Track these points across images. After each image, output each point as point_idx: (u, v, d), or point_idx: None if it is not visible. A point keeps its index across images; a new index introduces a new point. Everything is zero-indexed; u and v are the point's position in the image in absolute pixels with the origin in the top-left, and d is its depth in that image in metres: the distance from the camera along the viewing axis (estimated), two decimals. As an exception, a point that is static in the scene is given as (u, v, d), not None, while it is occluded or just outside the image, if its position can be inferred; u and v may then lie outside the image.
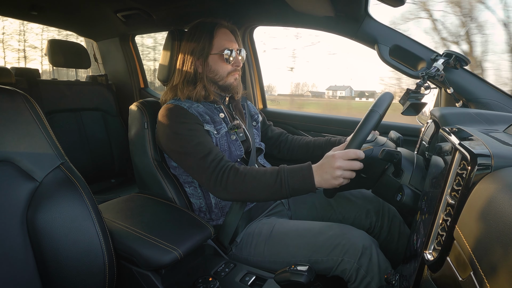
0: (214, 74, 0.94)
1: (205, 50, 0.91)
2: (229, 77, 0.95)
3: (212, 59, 0.93)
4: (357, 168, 0.74)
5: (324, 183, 0.75)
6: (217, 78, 0.94)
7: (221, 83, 0.95)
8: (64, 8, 1.59)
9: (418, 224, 0.61)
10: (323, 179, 0.75)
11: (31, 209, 0.60)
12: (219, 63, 0.93)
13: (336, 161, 0.73)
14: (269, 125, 1.19)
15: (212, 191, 0.84)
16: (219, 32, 0.93)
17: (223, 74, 0.94)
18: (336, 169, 0.73)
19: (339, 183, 0.74)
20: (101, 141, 1.81)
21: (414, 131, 1.19)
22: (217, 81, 0.94)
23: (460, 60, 0.94)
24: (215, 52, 0.92)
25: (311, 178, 0.76)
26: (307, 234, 0.85)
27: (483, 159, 0.40)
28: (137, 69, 2.00)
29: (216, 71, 0.93)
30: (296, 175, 0.77)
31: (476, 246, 0.34)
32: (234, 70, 0.95)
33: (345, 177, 0.74)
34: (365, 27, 1.08)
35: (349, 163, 0.73)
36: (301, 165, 0.79)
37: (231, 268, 0.82)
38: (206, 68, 0.93)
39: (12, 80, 1.55)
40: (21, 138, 0.62)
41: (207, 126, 0.89)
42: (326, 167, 0.75)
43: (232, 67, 0.94)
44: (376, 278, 0.76)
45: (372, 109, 0.75)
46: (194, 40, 0.92)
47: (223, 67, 0.93)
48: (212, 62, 0.93)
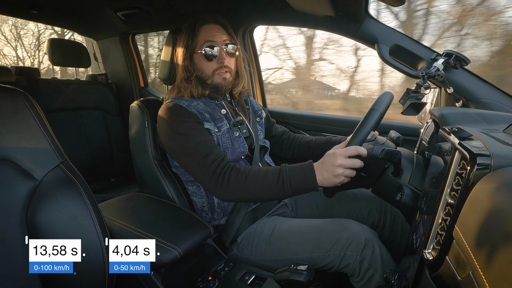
0: (200, 73, 0.91)
1: (189, 48, 0.89)
2: (215, 76, 0.91)
3: (196, 57, 0.91)
4: (358, 166, 0.73)
5: (325, 182, 0.75)
6: (204, 77, 0.92)
7: (209, 82, 0.92)
8: (64, 7, 1.59)
9: (417, 223, 0.62)
10: (324, 178, 0.75)
11: (31, 208, 0.60)
12: (202, 61, 0.90)
13: (337, 159, 0.73)
14: (273, 123, 1.19)
15: (214, 192, 0.84)
16: (202, 29, 0.90)
17: (208, 73, 0.91)
18: (337, 167, 0.73)
19: (340, 181, 0.74)
20: (101, 140, 1.81)
21: (414, 131, 1.19)
22: (205, 80, 0.92)
23: (460, 60, 0.94)
24: (198, 50, 0.90)
25: (313, 176, 0.75)
26: (308, 230, 0.85)
27: (483, 158, 0.41)
28: (137, 68, 2.00)
29: (201, 69, 0.91)
30: (298, 174, 0.77)
31: (475, 245, 0.34)
32: (220, 67, 0.91)
33: (346, 175, 0.74)
34: (365, 27, 1.08)
35: (350, 161, 0.73)
36: (302, 164, 0.79)
37: (231, 267, 0.82)
38: (193, 67, 0.91)
39: (12, 79, 1.55)
40: (21, 136, 0.62)
41: (207, 124, 0.89)
42: (327, 165, 0.75)
43: (217, 64, 0.90)
44: (379, 270, 0.76)
45: (372, 107, 0.75)
46: (182, 38, 0.91)
47: (207, 65, 0.90)
48: (197, 61, 0.91)
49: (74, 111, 1.73)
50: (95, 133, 1.79)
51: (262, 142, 1.05)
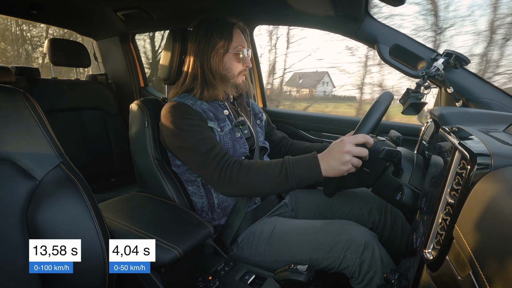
0: (227, 72, 0.94)
1: (225, 48, 0.92)
2: (239, 77, 0.97)
3: (228, 57, 0.94)
4: (365, 155, 0.74)
5: (331, 170, 0.74)
6: (230, 76, 0.95)
7: (232, 81, 0.96)
8: (64, 7, 1.59)
9: (417, 223, 0.62)
10: (330, 166, 0.74)
11: (31, 208, 0.60)
12: (233, 61, 0.94)
13: (345, 145, 0.73)
14: (273, 128, 1.20)
15: (217, 187, 0.84)
16: (236, 32, 0.95)
17: (235, 73, 0.95)
18: (345, 154, 0.72)
19: (347, 169, 0.73)
20: (101, 140, 1.81)
21: (414, 131, 1.19)
22: (229, 79, 0.95)
23: (460, 60, 0.94)
24: (232, 51, 0.93)
25: (317, 166, 0.75)
26: (307, 232, 0.85)
27: (483, 158, 0.41)
28: (137, 68, 2.00)
29: (229, 69, 0.94)
30: (302, 165, 0.76)
31: (475, 245, 0.34)
32: (244, 69, 0.97)
33: (353, 163, 0.73)
34: (365, 27, 1.08)
35: (358, 149, 0.73)
36: (306, 155, 0.79)
37: (231, 267, 0.82)
38: (220, 65, 0.93)
39: (12, 79, 1.55)
40: (21, 137, 0.62)
41: (211, 123, 0.89)
42: (334, 152, 0.74)
43: (243, 67, 0.96)
44: (379, 273, 0.76)
45: (378, 100, 0.77)
46: (211, 37, 0.92)
47: (236, 66, 0.95)
48: (227, 60, 0.94)
49: (74, 111, 1.73)
50: (95, 133, 1.79)
51: (262, 143, 1.05)
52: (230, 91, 0.97)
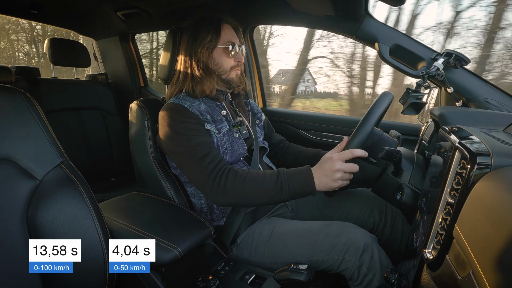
0: (218, 67, 0.94)
1: (212, 43, 0.92)
2: (232, 72, 0.96)
3: (217, 52, 0.93)
4: (355, 170, 0.74)
5: (323, 186, 0.76)
6: (221, 72, 0.95)
7: (224, 77, 0.95)
8: (64, 6, 1.59)
9: (417, 223, 0.62)
10: (322, 182, 0.76)
11: (31, 208, 0.60)
12: (223, 56, 0.94)
13: (335, 163, 0.74)
14: (272, 130, 1.20)
15: (209, 195, 0.82)
16: (224, 27, 0.94)
17: (226, 68, 0.95)
18: (336, 172, 0.74)
19: (339, 185, 0.75)
20: (101, 140, 1.81)
21: (414, 130, 1.19)
22: (220, 75, 0.95)
23: (460, 60, 0.93)
24: (221, 45, 0.93)
25: (311, 180, 0.76)
26: (306, 234, 0.85)
27: (483, 158, 0.41)
28: (137, 68, 2.00)
29: (220, 64, 0.94)
30: (297, 178, 0.77)
31: (476, 245, 0.34)
32: (237, 65, 0.96)
33: (344, 179, 0.74)
34: (365, 26, 1.08)
35: (349, 165, 0.74)
36: (301, 168, 0.79)
37: (231, 267, 0.82)
38: (210, 60, 0.93)
39: (12, 78, 1.55)
40: (21, 136, 0.62)
41: (208, 125, 0.89)
42: (325, 169, 0.75)
43: (235, 62, 0.95)
44: (378, 275, 0.76)
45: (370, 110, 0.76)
46: (199, 33, 0.92)
47: (226, 61, 0.94)
48: (216, 55, 0.94)
49: (74, 111, 1.73)
50: (95, 133, 1.79)
51: (261, 143, 1.05)
52: (221, 87, 0.96)
